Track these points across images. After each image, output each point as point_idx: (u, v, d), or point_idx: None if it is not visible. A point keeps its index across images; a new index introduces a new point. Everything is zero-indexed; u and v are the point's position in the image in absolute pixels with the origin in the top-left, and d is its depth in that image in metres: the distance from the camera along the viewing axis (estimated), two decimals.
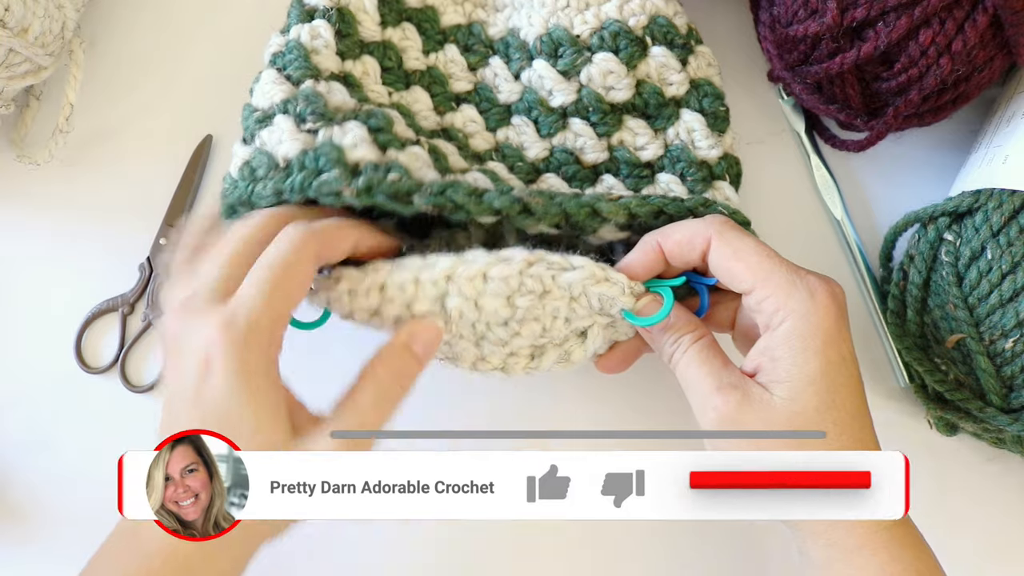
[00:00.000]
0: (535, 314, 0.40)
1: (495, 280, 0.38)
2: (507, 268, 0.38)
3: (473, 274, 0.38)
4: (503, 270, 0.38)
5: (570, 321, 0.41)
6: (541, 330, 0.40)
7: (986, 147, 0.48)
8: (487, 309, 0.38)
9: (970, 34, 0.43)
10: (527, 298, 0.39)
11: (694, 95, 0.49)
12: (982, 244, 0.44)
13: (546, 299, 0.39)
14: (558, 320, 0.40)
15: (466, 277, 0.38)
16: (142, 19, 0.56)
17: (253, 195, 0.40)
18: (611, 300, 0.40)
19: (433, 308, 0.38)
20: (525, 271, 0.38)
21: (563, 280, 0.39)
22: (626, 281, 0.40)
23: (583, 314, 0.41)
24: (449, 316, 0.39)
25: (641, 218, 0.41)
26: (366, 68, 0.47)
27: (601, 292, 0.39)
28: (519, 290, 0.38)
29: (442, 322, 0.39)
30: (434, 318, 0.39)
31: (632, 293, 0.40)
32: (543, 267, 0.38)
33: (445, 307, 0.38)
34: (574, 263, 0.39)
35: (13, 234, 0.54)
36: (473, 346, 0.41)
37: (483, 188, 0.40)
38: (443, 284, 0.38)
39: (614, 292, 0.39)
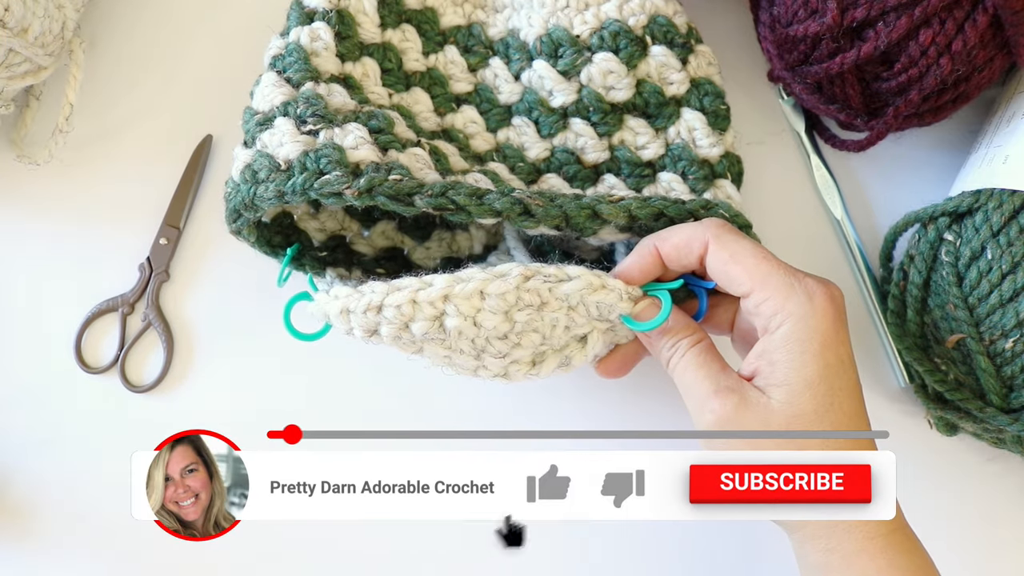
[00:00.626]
0: (534, 326, 0.39)
1: (492, 297, 0.38)
2: (504, 284, 0.38)
3: (470, 293, 0.37)
4: (500, 287, 0.38)
5: (569, 329, 0.41)
6: (540, 339, 0.40)
7: (986, 147, 0.48)
8: (486, 325, 0.38)
9: (970, 34, 0.43)
10: (525, 312, 0.38)
11: (695, 94, 0.48)
12: (982, 244, 0.44)
13: (544, 311, 0.39)
14: (557, 328, 0.40)
15: (463, 296, 0.37)
16: (142, 19, 0.56)
17: (255, 198, 0.40)
18: (609, 307, 0.40)
19: (432, 328, 0.38)
20: (522, 286, 0.38)
21: (560, 292, 0.38)
22: (623, 287, 0.40)
23: (582, 322, 0.40)
24: (448, 335, 0.38)
25: (642, 220, 0.41)
26: (366, 70, 0.47)
27: (599, 300, 0.39)
28: (517, 305, 0.38)
29: (442, 340, 0.39)
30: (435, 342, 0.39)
31: (630, 298, 0.40)
32: (539, 280, 0.38)
33: (444, 326, 0.38)
34: (570, 273, 0.39)
35: (13, 234, 0.54)
36: (473, 359, 0.41)
37: (484, 189, 0.40)
38: (440, 304, 0.38)
39: (611, 299, 0.39)
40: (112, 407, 0.52)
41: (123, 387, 0.52)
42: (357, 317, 0.38)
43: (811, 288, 0.37)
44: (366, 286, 0.39)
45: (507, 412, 0.51)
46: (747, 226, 0.43)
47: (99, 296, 0.53)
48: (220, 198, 0.46)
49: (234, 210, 0.42)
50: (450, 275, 0.38)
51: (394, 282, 0.38)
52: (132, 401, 0.52)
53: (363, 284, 0.39)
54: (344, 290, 0.39)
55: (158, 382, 0.52)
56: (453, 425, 0.50)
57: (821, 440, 0.36)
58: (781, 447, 0.36)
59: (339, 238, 0.50)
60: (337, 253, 0.49)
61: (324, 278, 0.46)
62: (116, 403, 0.52)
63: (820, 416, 0.36)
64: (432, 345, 0.39)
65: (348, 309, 0.39)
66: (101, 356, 0.53)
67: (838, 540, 0.36)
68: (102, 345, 0.53)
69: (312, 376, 0.52)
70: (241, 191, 0.41)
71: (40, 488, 0.51)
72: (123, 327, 0.53)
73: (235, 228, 0.44)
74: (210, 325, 0.53)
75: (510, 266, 0.38)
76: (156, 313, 0.53)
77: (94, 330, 0.53)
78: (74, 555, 0.51)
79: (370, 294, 0.38)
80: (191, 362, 0.52)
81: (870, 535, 0.36)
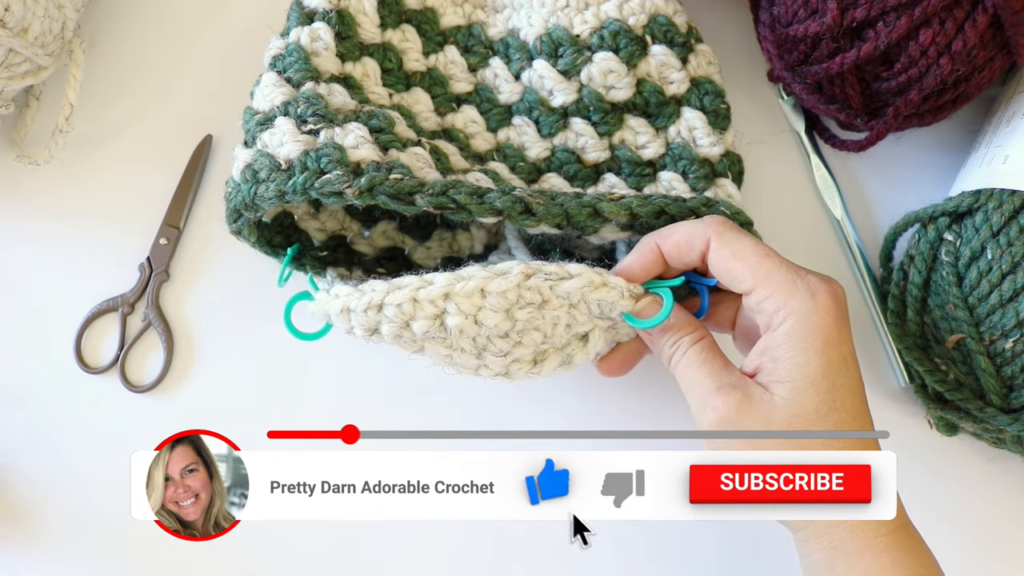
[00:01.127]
0: (535, 324, 0.39)
1: (493, 295, 0.38)
2: (504, 282, 0.38)
3: (471, 291, 0.37)
4: (501, 284, 0.37)
5: (571, 327, 0.41)
6: (542, 338, 0.40)
7: (986, 147, 0.48)
8: (487, 324, 0.38)
9: (970, 34, 0.43)
10: (526, 310, 0.38)
11: (695, 93, 0.48)
12: (982, 244, 0.44)
13: (545, 309, 0.39)
14: (558, 327, 0.40)
15: (464, 294, 0.37)
16: (142, 19, 0.56)
17: (256, 197, 0.40)
18: (610, 304, 0.40)
19: (432, 326, 0.38)
20: (523, 284, 0.38)
21: (562, 289, 0.38)
22: (624, 285, 0.40)
23: (583, 320, 0.40)
24: (449, 333, 0.38)
25: (643, 218, 0.41)
26: (366, 70, 0.47)
27: (600, 298, 0.39)
28: (518, 303, 0.38)
29: (443, 339, 0.39)
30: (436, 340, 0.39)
31: (631, 296, 0.40)
32: (541, 279, 0.38)
33: (445, 325, 0.38)
34: (571, 271, 0.39)
35: (13, 234, 0.54)
36: (474, 358, 0.41)
37: (485, 188, 0.40)
38: (441, 303, 0.37)
39: (613, 296, 0.39)
40: (112, 407, 0.52)
41: (123, 387, 0.52)
42: (358, 316, 0.38)
43: (813, 285, 0.37)
44: (367, 285, 0.39)
45: (507, 412, 0.51)
46: (748, 223, 0.43)
47: (99, 296, 0.53)
48: (220, 198, 0.46)
49: (235, 210, 0.42)
50: (451, 273, 0.38)
51: (395, 280, 0.38)
52: (132, 401, 0.52)
53: (364, 283, 0.39)
54: (345, 289, 0.39)
55: (158, 382, 0.52)
56: (453, 425, 0.50)
57: (823, 440, 0.36)
58: (783, 447, 0.36)
59: (340, 238, 0.50)
60: (338, 253, 0.49)
61: (324, 277, 0.46)
62: (116, 403, 0.52)
63: (823, 414, 0.36)
64: (433, 344, 0.39)
65: (349, 308, 0.39)
66: (101, 356, 0.53)
67: (841, 539, 0.36)
68: (102, 345, 0.53)
69: (312, 376, 0.52)
70: (242, 191, 0.41)
71: (40, 488, 0.51)
72: (123, 327, 0.53)
73: (235, 228, 0.44)
74: (210, 325, 0.53)
75: (511, 264, 0.38)
76: (156, 313, 0.53)
77: (94, 330, 0.53)
78: (74, 555, 0.51)
79: (371, 293, 0.38)
80: (191, 362, 0.52)
81: (873, 534, 0.36)
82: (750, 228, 0.44)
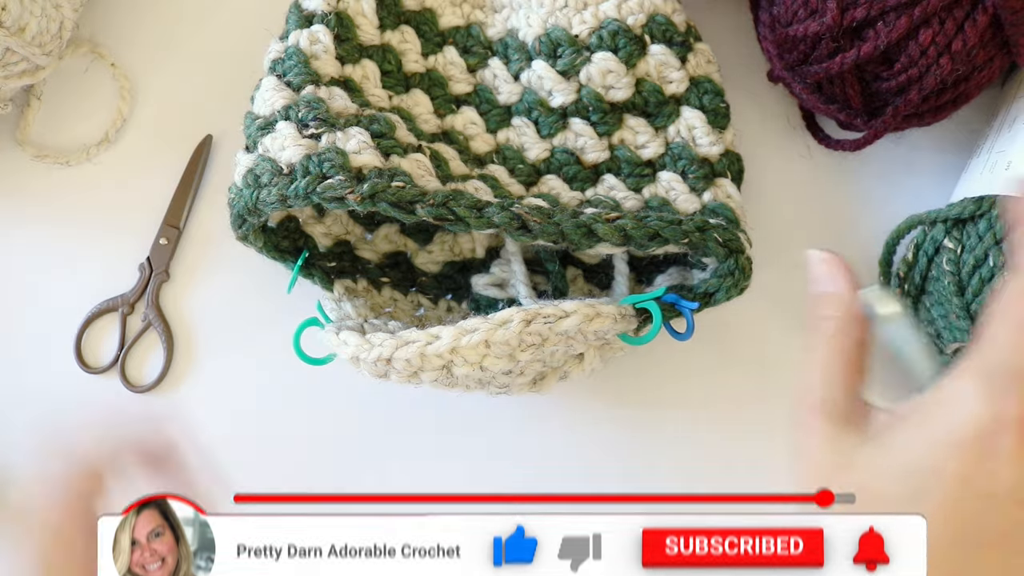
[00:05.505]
0: (536, 357, 0.41)
1: (497, 345, 0.39)
2: (507, 333, 0.39)
3: (476, 344, 0.39)
4: (504, 335, 0.39)
5: (567, 352, 0.42)
6: (542, 366, 0.42)
7: (987, 152, 0.47)
8: (492, 369, 0.40)
9: (970, 34, 0.43)
10: (528, 352, 0.40)
11: (694, 92, 0.48)
12: (985, 251, 0.43)
13: (546, 345, 0.40)
14: (557, 354, 0.42)
15: (469, 347, 0.39)
16: (142, 19, 0.56)
17: (258, 202, 0.41)
18: (604, 331, 0.41)
19: (440, 375, 0.40)
20: (524, 331, 0.39)
21: (560, 328, 0.40)
22: (615, 311, 0.41)
23: (580, 346, 0.42)
24: (457, 380, 0.41)
25: (636, 239, 0.42)
26: (366, 72, 0.47)
27: (595, 328, 0.41)
28: (520, 346, 0.40)
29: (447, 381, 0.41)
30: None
31: (623, 318, 0.42)
32: (540, 323, 0.40)
33: (452, 373, 0.40)
34: (567, 309, 0.40)
35: (13, 234, 0.54)
36: (478, 387, 0.43)
37: (484, 201, 0.41)
38: (448, 355, 0.39)
39: (607, 325, 0.41)
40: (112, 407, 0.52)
41: (123, 387, 0.52)
42: (367, 365, 0.40)
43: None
44: (375, 337, 0.40)
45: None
46: (742, 231, 0.44)
47: (99, 296, 0.53)
48: (220, 198, 0.46)
49: (238, 215, 0.43)
50: (455, 327, 0.40)
51: (402, 334, 0.40)
52: (132, 401, 0.52)
53: (370, 326, 0.42)
54: (354, 338, 0.41)
55: (158, 382, 0.52)
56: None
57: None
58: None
59: (344, 244, 0.50)
60: (343, 260, 0.50)
61: (332, 292, 0.47)
62: (116, 403, 0.52)
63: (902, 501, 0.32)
64: (438, 384, 0.42)
65: (358, 358, 0.40)
66: (101, 356, 0.53)
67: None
68: (102, 345, 0.53)
69: (312, 376, 0.52)
70: (244, 196, 0.41)
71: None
72: (123, 327, 0.53)
73: (241, 234, 0.44)
74: (210, 325, 0.53)
75: (511, 312, 0.40)
76: (156, 313, 0.53)
77: (94, 330, 0.53)
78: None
79: (379, 348, 0.40)
80: (191, 362, 0.53)
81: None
82: (745, 235, 0.44)
